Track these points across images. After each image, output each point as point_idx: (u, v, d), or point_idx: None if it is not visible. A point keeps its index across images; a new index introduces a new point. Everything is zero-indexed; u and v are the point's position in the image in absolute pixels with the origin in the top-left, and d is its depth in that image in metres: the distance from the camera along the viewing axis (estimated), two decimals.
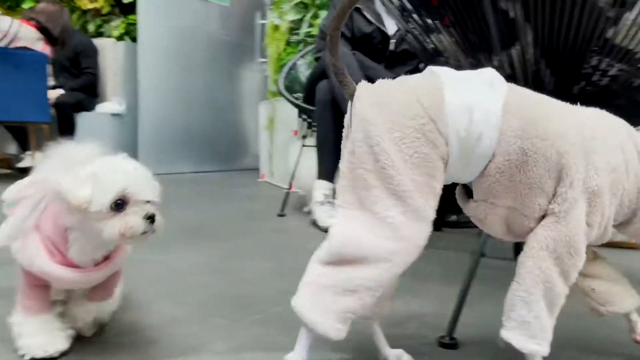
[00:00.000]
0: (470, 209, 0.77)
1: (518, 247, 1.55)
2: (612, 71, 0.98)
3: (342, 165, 0.69)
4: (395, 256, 0.66)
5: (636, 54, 0.96)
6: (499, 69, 1.05)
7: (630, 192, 0.74)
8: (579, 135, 0.70)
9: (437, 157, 0.67)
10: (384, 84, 0.71)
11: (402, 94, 0.68)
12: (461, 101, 0.68)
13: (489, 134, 0.68)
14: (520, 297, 0.71)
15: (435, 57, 1.26)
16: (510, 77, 1.04)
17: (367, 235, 0.65)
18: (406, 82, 0.71)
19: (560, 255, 0.70)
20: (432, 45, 1.23)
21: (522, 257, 0.72)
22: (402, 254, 0.66)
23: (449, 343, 0.88)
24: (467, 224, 2.05)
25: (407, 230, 0.66)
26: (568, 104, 0.76)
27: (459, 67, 1.18)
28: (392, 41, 2.16)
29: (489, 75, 0.72)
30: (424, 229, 0.67)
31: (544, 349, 0.70)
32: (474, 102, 0.68)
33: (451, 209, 2.09)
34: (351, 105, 0.70)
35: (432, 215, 0.67)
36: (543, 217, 0.71)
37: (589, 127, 0.72)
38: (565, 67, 1.00)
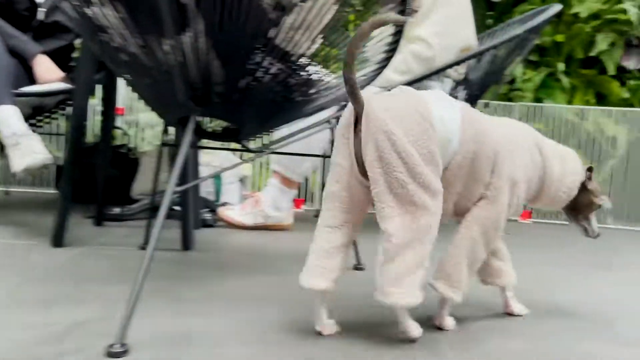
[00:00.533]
0: None
1: (186, 240, 1.56)
2: (273, 69, 1.06)
3: (373, 172, 0.85)
4: (432, 227, 0.86)
5: (292, 56, 1.06)
6: (170, 54, 1.01)
7: (536, 180, 1.03)
8: (505, 140, 0.97)
9: (437, 151, 0.87)
10: (390, 99, 0.88)
11: (407, 107, 0.87)
12: (439, 114, 0.89)
13: (455, 140, 0.90)
14: (450, 257, 0.97)
15: (97, 34, 1.12)
16: (183, 65, 1.01)
17: (411, 220, 0.85)
18: (407, 98, 0.89)
19: (487, 230, 0.97)
20: (93, 20, 1.09)
21: (459, 227, 0.97)
22: (435, 224, 0.87)
23: (119, 351, 0.79)
24: (131, 216, 1.95)
25: (434, 207, 0.86)
26: (494, 117, 1.03)
27: (124, 46, 1.09)
28: (42, 10, 1.86)
29: (444, 95, 0.95)
30: (441, 202, 0.88)
31: (459, 297, 0.97)
32: (446, 116, 0.90)
33: (113, 201, 1.95)
34: (355, 114, 0.86)
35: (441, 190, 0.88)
36: (479, 199, 0.96)
37: (509, 134, 0.99)
38: (233, 61, 1.03)
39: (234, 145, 1.37)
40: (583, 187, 1.07)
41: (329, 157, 1.64)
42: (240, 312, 1.01)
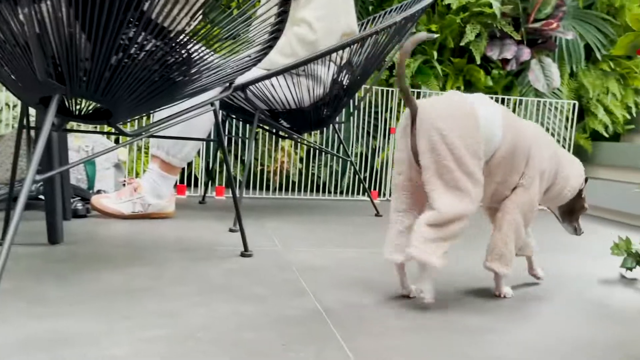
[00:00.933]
0: None
1: (53, 232, 1.41)
2: (149, 46, 0.98)
3: (425, 161, 1.02)
4: (470, 212, 1.03)
5: (170, 32, 0.99)
6: (27, 24, 0.89)
7: (553, 174, 1.21)
8: (535, 137, 1.15)
9: (482, 147, 1.04)
10: (441, 102, 1.05)
11: (454, 108, 1.04)
12: (484, 114, 1.06)
13: (498, 135, 1.08)
14: (501, 239, 1.14)
15: None
16: (42, 38, 0.90)
17: (456, 203, 1.02)
18: (455, 101, 1.06)
19: (525, 212, 1.15)
20: None
21: (501, 214, 1.15)
22: (473, 209, 1.04)
23: None
24: None
25: (475, 195, 1.04)
26: (522, 119, 1.18)
27: None
28: None
29: (487, 98, 1.11)
30: (481, 192, 1.05)
31: (510, 270, 1.15)
32: (490, 116, 1.07)
33: None
34: (411, 116, 1.04)
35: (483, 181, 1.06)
36: (514, 188, 1.15)
37: (536, 131, 1.17)
38: (102, 35, 0.94)
39: (108, 128, 1.25)
40: (579, 194, 1.28)
41: (214, 140, 1.58)
42: (116, 309, 0.93)
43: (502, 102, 3.03)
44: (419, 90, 2.91)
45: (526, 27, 3.04)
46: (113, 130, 1.22)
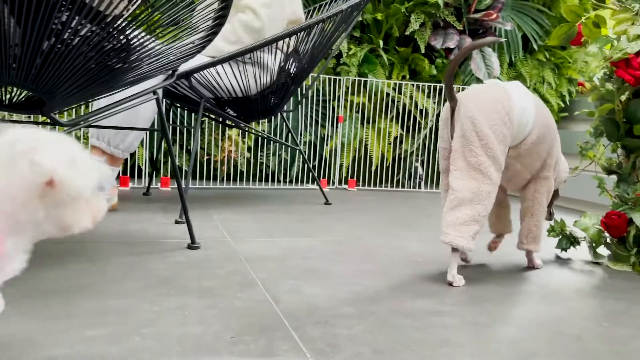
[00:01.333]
0: None
1: None
2: (84, 31, 0.93)
3: (455, 144, 1.16)
4: (491, 194, 1.14)
5: (107, 17, 0.94)
6: None
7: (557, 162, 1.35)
8: (555, 128, 1.28)
9: (509, 135, 1.16)
10: (480, 93, 1.17)
11: (491, 101, 1.15)
12: (520, 104, 1.18)
13: (530, 123, 1.20)
14: (534, 224, 1.32)
15: None
16: None
17: (475, 184, 1.13)
18: (494, 92, 1.17)
19: (547, 195, 1.32)
20: None
21: (531, 202, 1.31)
22: (494, 192, 1.15)
23: None
24: None
25: (496, 178, 1.14)
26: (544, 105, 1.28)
27: None
28: None
29: (524, 88, 1.23)
30: (500, 175, 1.16)
31: (541, 246, 1.35)
32: (525, 105, 1.19)
33: None
34: (451, 109, 1.18)
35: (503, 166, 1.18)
36: (532, 173, 1.29)
37: (553, 122, 1.27)
38: (32, 19, 0.88)
39: (42, 117, 1.19)
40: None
41: (157, 130, 1.53)
42: (54, 308, 0.89)
43: None
44: (365, 79, 2.93)
45: (467, 17, 3.12)
46: (47, 120, 1.15)
